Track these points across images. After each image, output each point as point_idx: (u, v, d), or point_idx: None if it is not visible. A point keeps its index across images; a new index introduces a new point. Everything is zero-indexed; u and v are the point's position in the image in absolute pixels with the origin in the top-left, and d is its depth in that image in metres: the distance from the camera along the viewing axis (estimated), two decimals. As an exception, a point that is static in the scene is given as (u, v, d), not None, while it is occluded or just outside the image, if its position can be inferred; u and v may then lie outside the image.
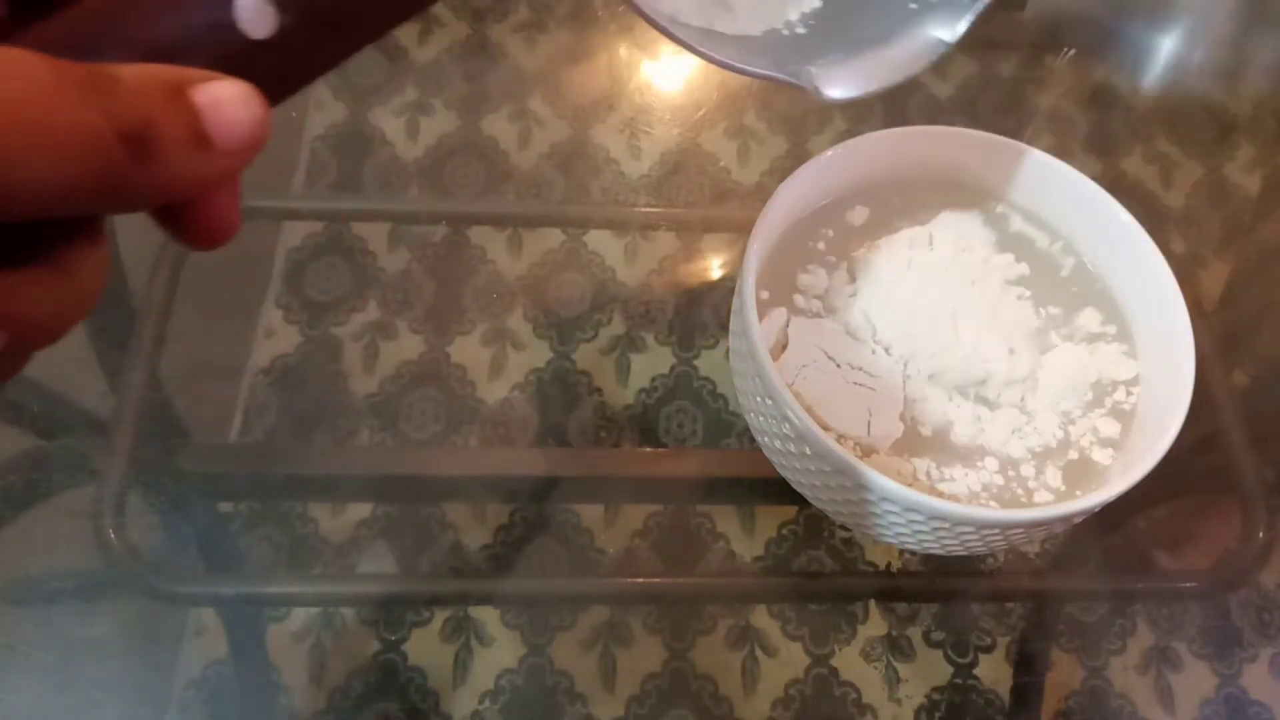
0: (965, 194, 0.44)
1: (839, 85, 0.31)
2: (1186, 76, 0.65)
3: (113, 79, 0.15)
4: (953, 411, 0.39)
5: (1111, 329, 0.42)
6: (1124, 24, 0.66)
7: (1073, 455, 0.39)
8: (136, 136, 0.15)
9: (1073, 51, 0.65)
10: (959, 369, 0.39)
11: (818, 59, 0.32)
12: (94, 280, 0.17)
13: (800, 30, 0.33)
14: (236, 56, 0.17)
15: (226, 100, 0.16)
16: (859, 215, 0.43)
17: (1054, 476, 0.38)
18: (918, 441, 0.38)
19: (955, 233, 0.43)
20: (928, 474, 0.37)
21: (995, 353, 0.39)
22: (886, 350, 0.40)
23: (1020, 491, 0.38)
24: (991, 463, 0.38)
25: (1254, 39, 0.64)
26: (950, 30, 0.32)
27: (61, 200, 0.14)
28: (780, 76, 0.30)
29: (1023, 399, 0.39)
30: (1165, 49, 0.65)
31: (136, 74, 0.15)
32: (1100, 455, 0.39)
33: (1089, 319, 0.42)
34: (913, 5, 0.33)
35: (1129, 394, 0.40)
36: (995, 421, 0.39)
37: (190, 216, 0.17)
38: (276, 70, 0.18)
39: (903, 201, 0.44)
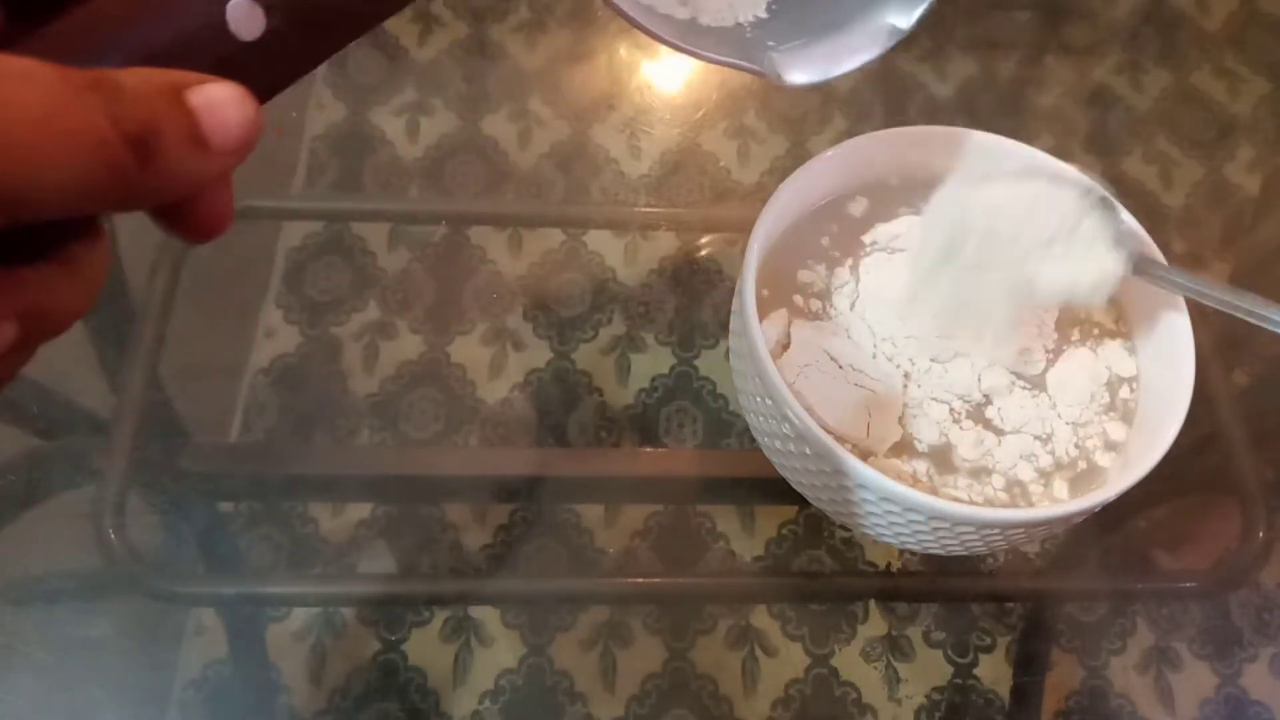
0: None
1: (798, 70, 0.33)
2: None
3: (115, 84, 0.15)
4: (955, 433, 0.38)
5: (1122, 326, 0.42)
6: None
7: (1082, 466, 0.39)
8: (140, 139, 0.15)
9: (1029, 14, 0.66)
10: (965, 386, 0.39)
11: (779, 45, 0.33)
12: (97, 273, 0.18)
13: (763, 15, 0.35)
14: (228, 58, 0.18)
15: (220, 102, 0.17)
16: (858, 207, 0.43)
17: (1061, 489, 0.38)
18: (919, 449, 0.38)
19: (958, 214, 0.43)
20: (928, 474, 0.37)
21: (1002, 375, 0.39)
22: (888, 353, 0.39)
23: (1023, 499, 0.38)
24: (998, 480, 0.38)
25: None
26: (905, 18, 0.33)
27: (72, 202, 0.15)
28: (742, 64, 0.32)
29: (1032, 423, 0.39)
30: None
31: (136, 78, 0.16)
32: (1102, 457, 0.39)
33: (1103, 313, 0.42)
34: None
35: (1132, 390, 0.40)
36: (1003, 447, 0.38)
37: (187, 213, 0.18)
38: (265, 70, 0.19)
39: (904, 195, 0.44)
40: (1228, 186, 0.62)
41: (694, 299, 0.55)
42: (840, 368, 0.38)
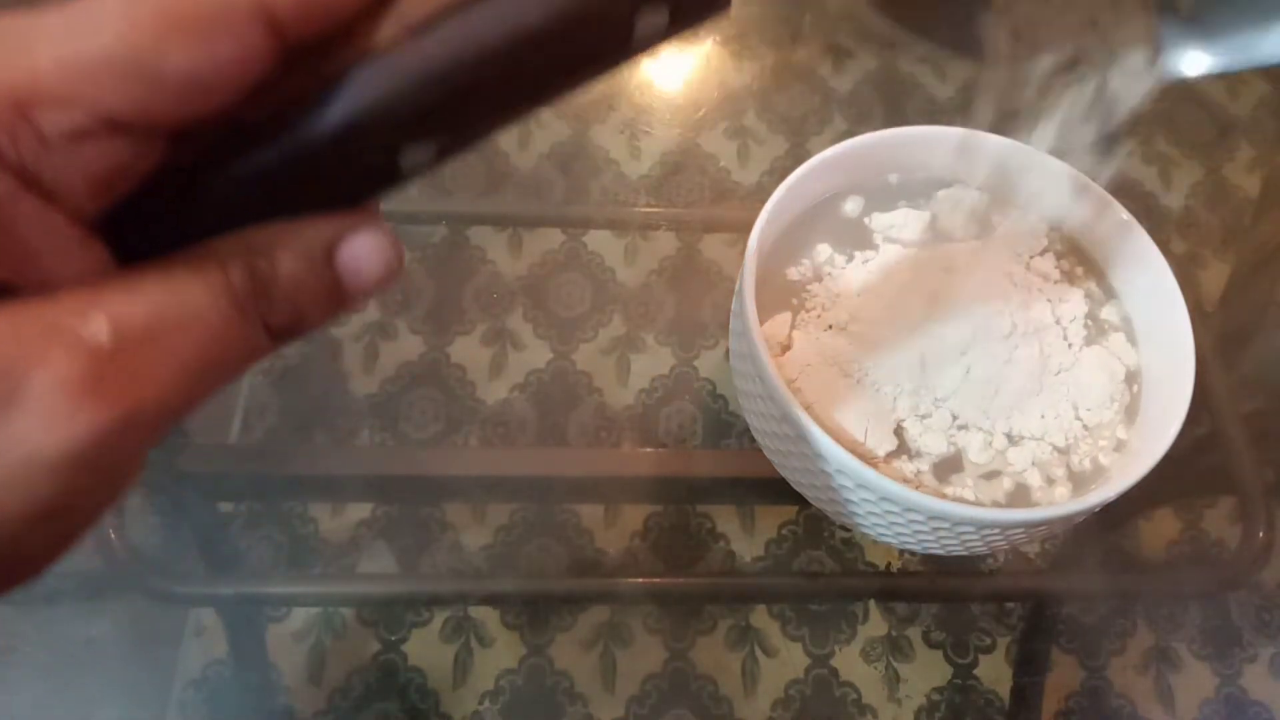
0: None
1: None
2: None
3: (270, 282, 0.15)
4: (961, 437, 0.38)
5: (1124, 322, 0.42)
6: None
7: (1087, 468, 0.38)
8: (287, 330, 0.15)
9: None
10: (973, 389, 0.39)
11: None
12: None
13: None
14: (389, 185, 0.18)
15: (367, 256, 0.16)
16: (858, 207, 0.43)
17: (1062, 489, 0.38)
18: (921, 450, 0.38)
19: (960, 215, 0.43)
20: (930, 475, 0.37)
21: (1016, 376, 0.39)
22: (890, 354, 0.39)
23: (1024, 499, 0.38)
24: (1002, 482, 0.38)
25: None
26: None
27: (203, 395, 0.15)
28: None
29: (1052, 432, 0.39)
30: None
31: (293, 258, 0.15)
32: (1105, 456, 0.39)
33: (1109, 313, 0.42)
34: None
35: (1136, 387, 0.40)
36: (1012, 451, 0.38)
37: None
38: (410, 181, 0.18)
39: (903, 194, 0.44)
40: (1228, 186, 0.62)
41: (694, 299, 0.55)
42: (841, 368, 0.38)
